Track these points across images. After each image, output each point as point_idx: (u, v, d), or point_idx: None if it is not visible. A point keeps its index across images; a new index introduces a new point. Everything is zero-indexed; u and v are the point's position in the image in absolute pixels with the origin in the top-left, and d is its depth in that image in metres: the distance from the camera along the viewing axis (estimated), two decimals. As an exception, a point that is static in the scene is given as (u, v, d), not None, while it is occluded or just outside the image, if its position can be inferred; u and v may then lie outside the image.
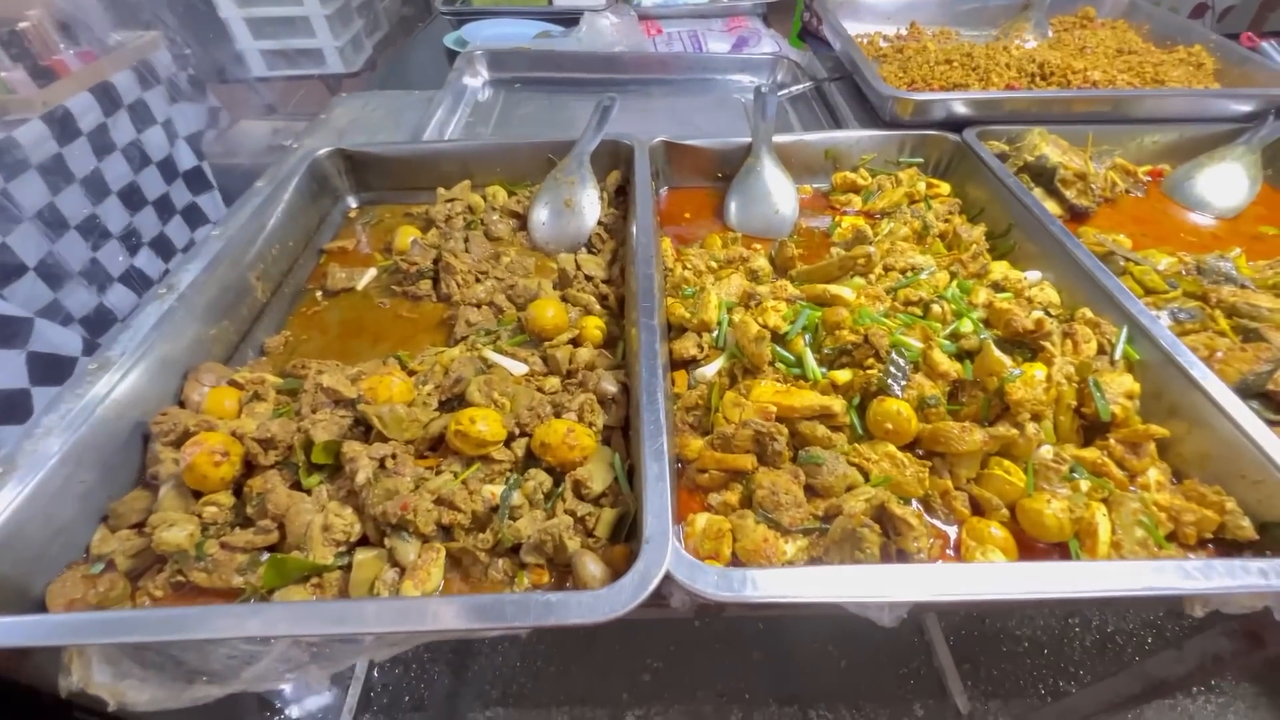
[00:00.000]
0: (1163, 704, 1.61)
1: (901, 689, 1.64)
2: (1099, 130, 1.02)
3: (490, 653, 1.70)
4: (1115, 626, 1.78)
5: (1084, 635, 1.75)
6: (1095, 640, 1.74)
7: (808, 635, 1.73)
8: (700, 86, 1.40)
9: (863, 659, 1.69)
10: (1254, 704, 1.60)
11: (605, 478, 0.55)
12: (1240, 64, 1.13)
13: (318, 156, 0.96)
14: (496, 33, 1.72)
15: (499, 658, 1.68)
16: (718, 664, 1.69)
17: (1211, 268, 0.81)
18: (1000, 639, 1.75)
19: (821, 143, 1.04)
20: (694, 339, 0.71)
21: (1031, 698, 1.62)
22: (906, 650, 1.68)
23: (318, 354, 0.77)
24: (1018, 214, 0.85)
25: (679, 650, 1.72)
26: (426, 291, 0.84)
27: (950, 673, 1.49)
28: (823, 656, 1.71)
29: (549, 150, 1.00)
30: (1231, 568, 0.45)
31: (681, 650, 1.72)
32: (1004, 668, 1.69)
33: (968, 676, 1.65)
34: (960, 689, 1.46)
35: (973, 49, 1.18)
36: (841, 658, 1.70)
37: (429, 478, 0.55)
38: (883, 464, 0.57)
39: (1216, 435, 0.57)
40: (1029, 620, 1.78)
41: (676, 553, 0.46)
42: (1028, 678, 1.67)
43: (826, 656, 1.71)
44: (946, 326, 0.69)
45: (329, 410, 0.59)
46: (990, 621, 1.77)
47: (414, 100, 1.34)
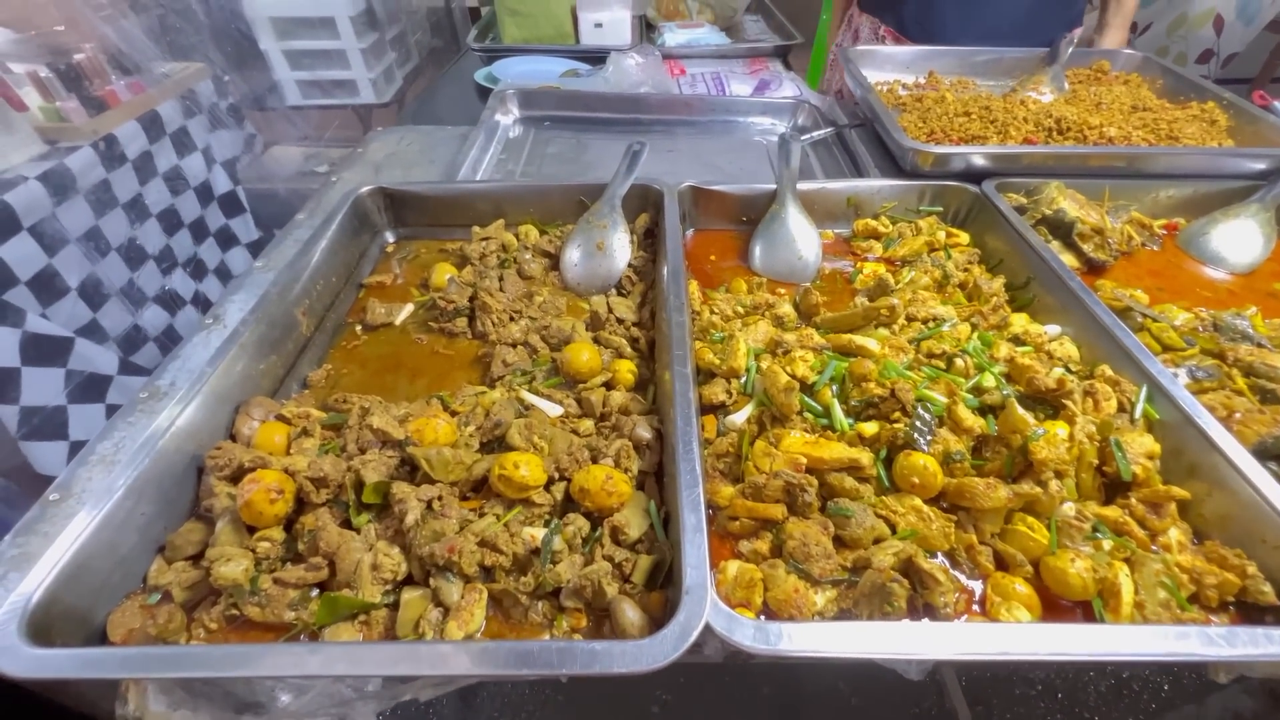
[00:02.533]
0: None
1: (914, 733, 1.63)
2: (1115, 185, 1.05)
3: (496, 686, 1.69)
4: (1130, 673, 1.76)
5: (1099, 681, 1.73)
6: (1110, 686, 1.72)
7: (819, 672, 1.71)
8: (723, 128, 1.45)
9: (874, 698, 1.67)
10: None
11: (641, 524, 0.58)
12: (1253, 122, 1.16)
13: (360, 194, 1.00)
14: (525, 70, 1.78)
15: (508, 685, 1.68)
16: (727, 698, 1.69)
17: (1229, 325, 0.83)
18: (1014, 682, 1.73)
19: (843, 190, 1.07)
20: (723, 384, 0.74)
21: (1048, 748, 1.60)
22: (918, 691, 1.67)
23: (358, 387, 0.80)
24: (1036, 267, 0.88)
25: (688, 683, 1.71)
26: (462, 329, 0.87)
27: (963, 715, 1.47)
28: (833, 693, 1.69)
29: (580, 193, 1.03)
30: (1255, 636, 0.46)
31: (691, 683, 1.71)
32: (1018, 711, 1.67)
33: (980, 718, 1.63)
34: (974, 736, 1.44)
35: (990, 101, 1.21)
36: (852, 695, 1.69)
37: (473, 519, 0.57)
38: (909, 517, 0.59)
39: (1236, 498, 0.58)
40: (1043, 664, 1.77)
41: (715, 604, 0.47)
42: (1042, 724, 1.65)
43: (837, 694, 1.70)
44: (969, 380, 0.71)
45: (377, 450, 0.62)
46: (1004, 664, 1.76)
47: (447, 136, 1.40)
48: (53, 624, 0.49)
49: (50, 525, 0.60)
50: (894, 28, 1.65)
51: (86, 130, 1.42)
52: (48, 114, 1.45)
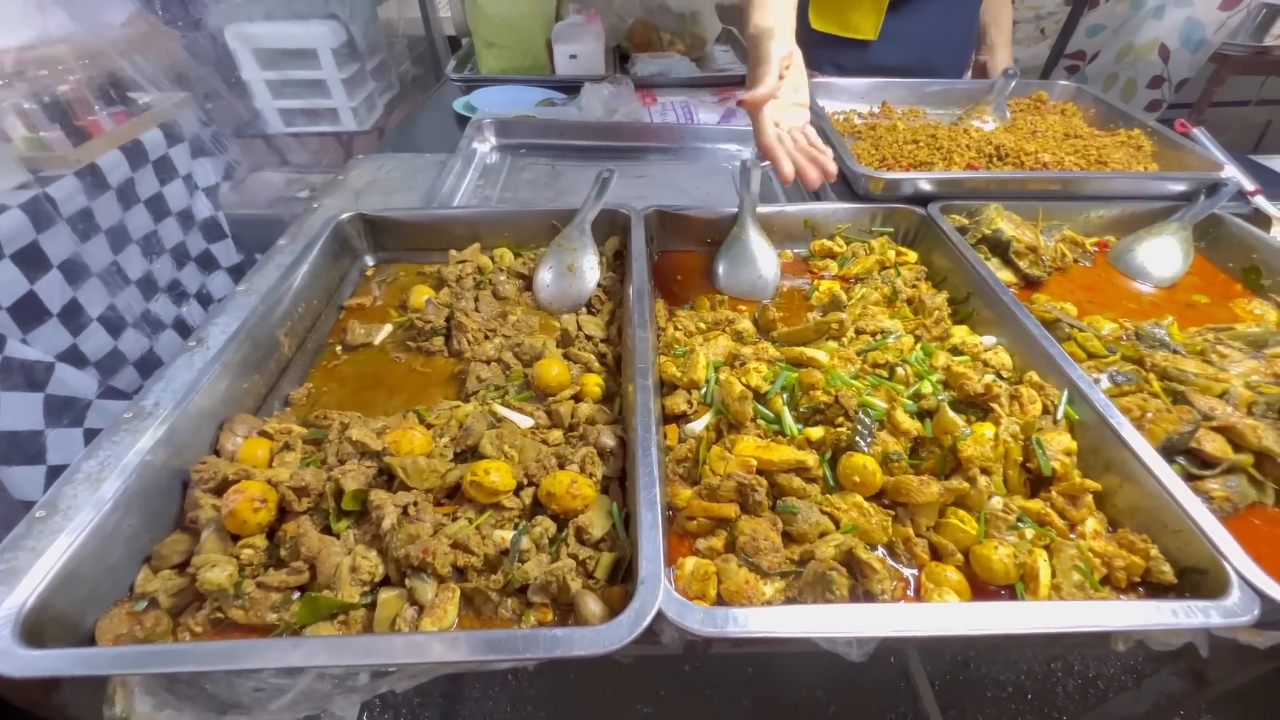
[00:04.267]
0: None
1: (889, 736, 1.66)
2: (1049, 206, 1.13)
3: (480, 697, 1.70)
4: (1096, 671, 1.82)
5: (1066, 680, 1.79)
6: (1077, 685, 1.78)
7: (796, 680, 1.75)
8: (692, 154, 1.52)
9: (850, 704, 1.71)
10: (1234, 750, 1.63)
11: (604, 524, 0.62)
12: (1175, 148, 1.26)
13: (340, 221, 1.05)
14: (502, 99, 1.85)
15: (489, 703, 1.69)
16: (708, 709, 1.71)
17: (1148, 334, 0.90)
18: (985, 684, 1.78)
19: (801, 213, 1.14)
20: (684, 395, 0.79)
21: (1016, 743, 1.65)
22: (893, 695, 1.71)
23: (338, 405, 0.84)
24: (975, 283, 0.95)
25: (669, 695, 1.73)
26: (439, 347, 0.92)
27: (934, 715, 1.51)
28: (811, 701, 1.73)
29: (553, 218, 1.09)
30: (1147, 609, 0.52)
31: (672, 695, 1.73)
32: (989, 713, 1.72)
33: (956, 719, 1.67)
34: (944, 735, 1.48)
35: (937, 129, 1.30)
36: (830, 702, 1.72)
37: (446, 523, 0.61)
38: (851, 513, 0.64)
39: (1143, 489, 0.64)
40: (1012, 665, 1.82)
41: (667, 593, 0.52)
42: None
43: (815, 701, 1.73)
44: (910, 388, 0.77)
45: (356, 461, 0.66)
46: (975, 666, 1.81)
47: (426, 163, 1.45)
48: (45, 629, 0.52)
49: (37, 541, 0.63)
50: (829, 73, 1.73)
51: (70, 159, 1.46)
52: (31, 144, 1.48)
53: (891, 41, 1.59)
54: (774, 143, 0.92)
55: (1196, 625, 0.52)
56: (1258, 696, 1.69)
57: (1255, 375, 0.82)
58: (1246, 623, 0.52)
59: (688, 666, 1.76)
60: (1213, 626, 0.52)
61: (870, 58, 1.65)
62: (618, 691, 1.72)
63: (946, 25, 1.58)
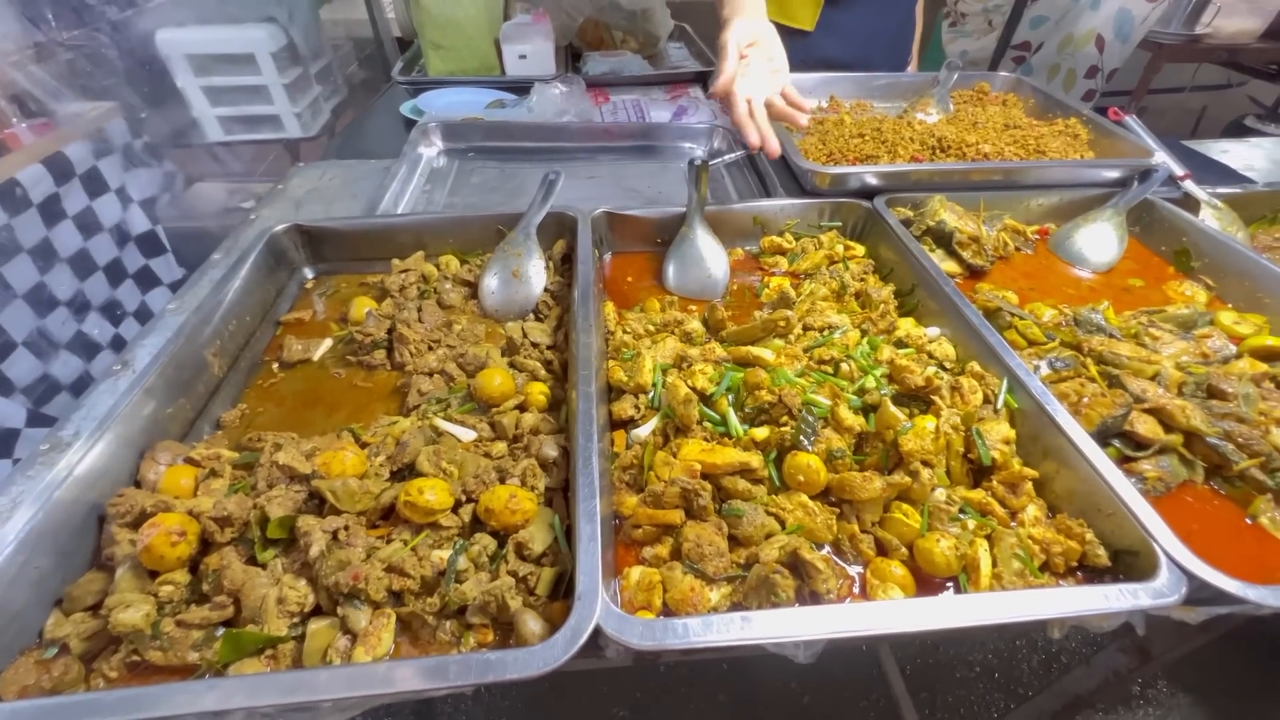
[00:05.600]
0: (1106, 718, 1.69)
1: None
2: (991, 196, 1.15)
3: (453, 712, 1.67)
4: (1059, 646, 1.87)
5: (1030, 656, 1.84)
6: (1041, 660, 1.83)
7: (771, 675, 1.76)
8: (643, 153, 1.51)
9: (824, 694, 1.73)
10: (1189, 714, 1.70)
11: (546, 538, 0.60)
12: (1109, 135, 1.29)
13: (275, 232, 1.01)
14: (451, 101, 1.81)
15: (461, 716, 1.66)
16: (684, 709, 1.71)
17: (1085, 319, 0.92)
18: (954, 666, 1.82)
19: (749, 210, 1.14)
20: (631, 401, 0.78)
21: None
22: (866, 683, 1.73)
23: (274, 426, 0.80)
24: (920, 275, 0.96)
25: (644, 696, 1.72)
26: (381, 361, 0.89)
27: (905, 703, 1.53)
28: (785, 694, 1.74)
29: (499, 222, 1.07)
30: (1078, 595, 0.53)
31: (647, 696, 1.73)
32: (958, 694, 1.76)
33: (924, 705, 1.71)
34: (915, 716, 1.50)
35: (882, 123, 1.32)
36: (804, 694, 1.74)
37: (380, 546, 0.59)
38: (797, 513, 0.64)
39: (1078, 474, 0.65)
40: (980, 646, 1.86)
41: (606, 607, 0.51)
42: (980, 702, 1.73)
43: (789, 693, 1.74)
44: (855, 383, 0.77)
45: (284, 486, 0.63)
46: (943, 650, 1.84)
47: (370, 169, 1.41)
48: (-63, 686, 0.48)
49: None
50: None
51: (-14, 176, 1.37)
52: (-59, 160, 1.39)
53: (831, 34, 1.61)
54: (743, 118, 1.04)
55: (1126, 608, 0.53)
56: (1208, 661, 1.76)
57: (1185, 356, 0.85)
58: (1174, 602, 0.53)
59: (662, 667, 1.76)
60: (1142, 608, 0.53)
61: (811, 50, 1.65)
62: (593, 697, 1.71)
63: (884, 18, 1.59)
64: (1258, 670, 1.75)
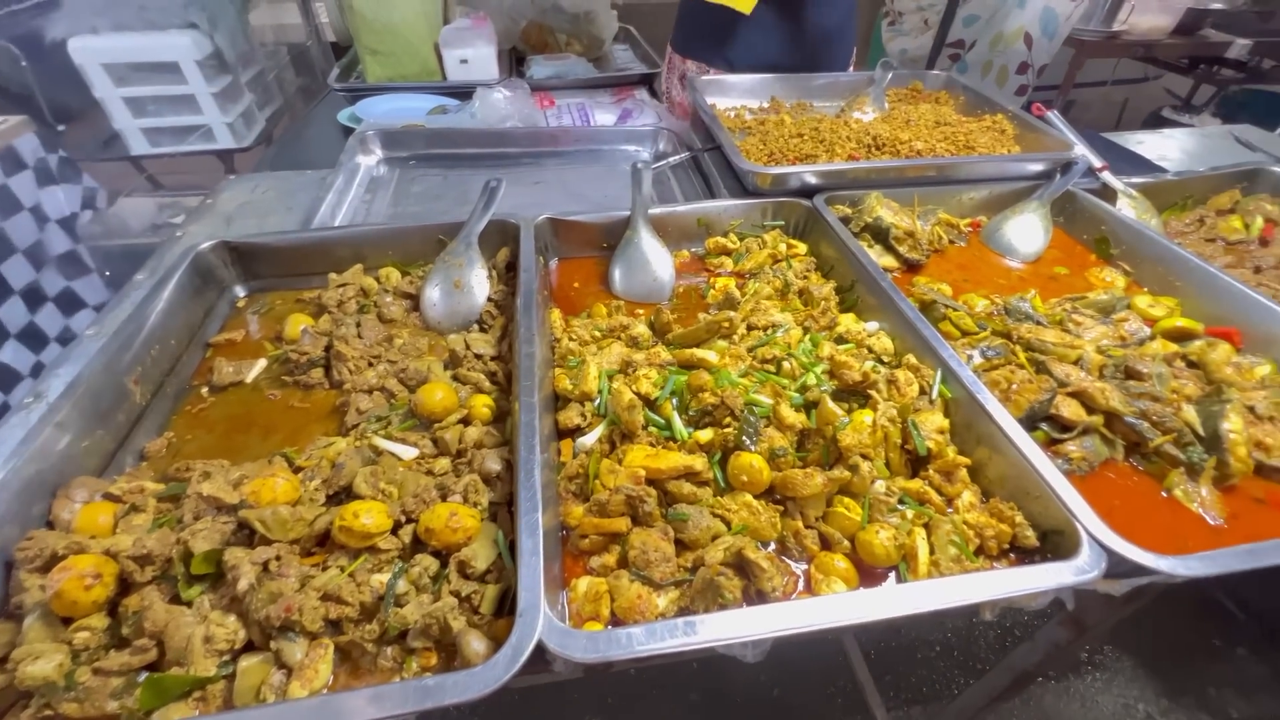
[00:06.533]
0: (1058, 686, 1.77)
1: (829, 708, 1.72)
2: (925, 191, 1.19)
3: (420, 732, 1.63)
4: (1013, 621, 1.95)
5: (986, 632, 1.91)
6: (996, 635, 1.90)
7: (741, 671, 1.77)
8: (589, 157, 1.51)
9: (793, 685, 1.75)
10: (1132, 675, 1.79)
11: (489, 555, 0.59)
12: (1033, 131, 1.35)
13: (201, 251, 0.96)
14: (391, 107, 1.77)
15: (429, 737, 1.62)
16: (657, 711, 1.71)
17: (1015, 308, 0.96)
18: (916, 647, 1.87)
19: (693, 212, 1.15)
20: (578, 409, 0.77)
21: (945, 699, 1.74)
22: (832, 670, 1.76)
23: (204, 454, 0.76)
24: (859, 270, 0.98)
25: (616, 702, 1.72)
26: (319, 380, 0.86)
27: (868, 687, 1.57)
28: (756, 687, 1.76)
29: (440, 232, 1.05)
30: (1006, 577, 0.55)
31: (619, 701, 1.72)
32: (920, 674, 1.81)
33: (889, 688, 1.75)
34: (879, 701, 1.54)
35: (820, 123, 1.34)
36: (774, 686, 1.76)
37: (315, 574, 0.57)
38: (742, 513, 0.65)
39: (1009, 460, 0.68)
40: (939, 626, 1.92)
41: (549, 622, 0.50)
42: (941, 680, 1.79)
43: (760, 687, 1.76)
44: (797, 380, 0.78)
45: (210, 518, 0.60)
46: (905, 632, 1.90)
47: (307, 180, 1.36)
48: None
49: None
50: (721, 66, 1.73)
51: (-122, 199, 1.27)
52: None
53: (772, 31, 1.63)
54: None
55: (1052, 586, 0.55)
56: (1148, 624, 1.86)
57: (1105, 340, 0.89)
58: (1095, 578, 0.56)
59: (632, 671, 1.75)
60: (1066, 585, 0.56)
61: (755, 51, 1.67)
62: (563, 705, 1.69)
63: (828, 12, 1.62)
64: (1191, 629, 1.86)
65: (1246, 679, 1.75)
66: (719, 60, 1.73)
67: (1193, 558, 0.57)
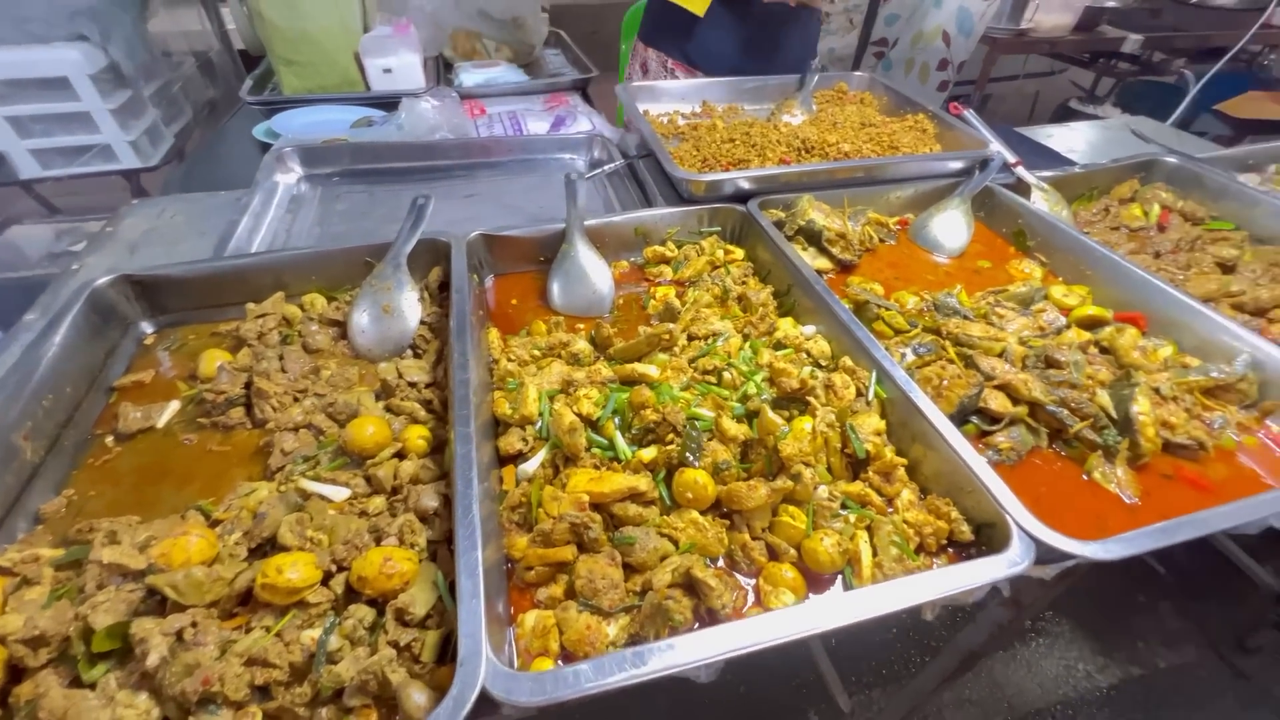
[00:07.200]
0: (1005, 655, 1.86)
1: (795, 700, 1.75)
2: (854, 192, 1.22)
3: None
4: (961, 598, 2.03)
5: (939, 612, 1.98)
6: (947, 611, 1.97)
7: (707, 670, 1.78)
8: (522, 167, 1.48)
9: (759, 681, 1.78)
10: (1071, 638, 1.90)
11: (429, 599, 0.57)
12: (951, 129, 1.41)
13: (98, 287, 0.89)
14: (312, 120, 1.68)
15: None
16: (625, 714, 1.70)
17: (943, 303, 0.99)
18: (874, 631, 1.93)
19: (630, 221, 1.14)
20: (519, 433, 0.75)
21: (904, 679, 1.80)
22: (797, 664, 1.80)
23: (110, 510, 0.70)
24: (794, 274, 0.99)
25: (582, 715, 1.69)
26: (239, 420, 0.81)
27: (830, 676, 1.61)
28: (723, 686, 1.77)
29: (366, 254, 1.00)
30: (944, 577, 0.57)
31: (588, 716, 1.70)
32: (880, 657, 1.86)
33: (850, 674, 1.79)
34: (840, 689, 1.58)
35: (751, 127, 1.36)
36: (740, 684, 1.78)
37: (237, 638, 0.53)
38: (689, 530, 0.64)
39: (942, 456, 0.70)
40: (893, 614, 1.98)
41: (493, 668, 0.48)
42: (900, 661, 1.85)
43: (727, 685, 1.78)
44: (738, 390, 0.79)
45: (115, 587, 0.55)
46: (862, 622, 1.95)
47: (220, 202, 1.28)
48: None
49: None
50: (680, 60, 1.80)
51: None
52: None
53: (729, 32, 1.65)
54: None
55: (987, 582, 0.57)
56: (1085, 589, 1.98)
57: (1026, 331, 0.93)
58: (1025, 569, 0.58)
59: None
60: (1001, 579, 0.58)
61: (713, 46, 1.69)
62: None
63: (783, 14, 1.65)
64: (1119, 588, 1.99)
65: (1170, 631, 1.89)
66: (678, 53, 1.77)
67: (1112, 541, 0.60)
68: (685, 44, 1.76)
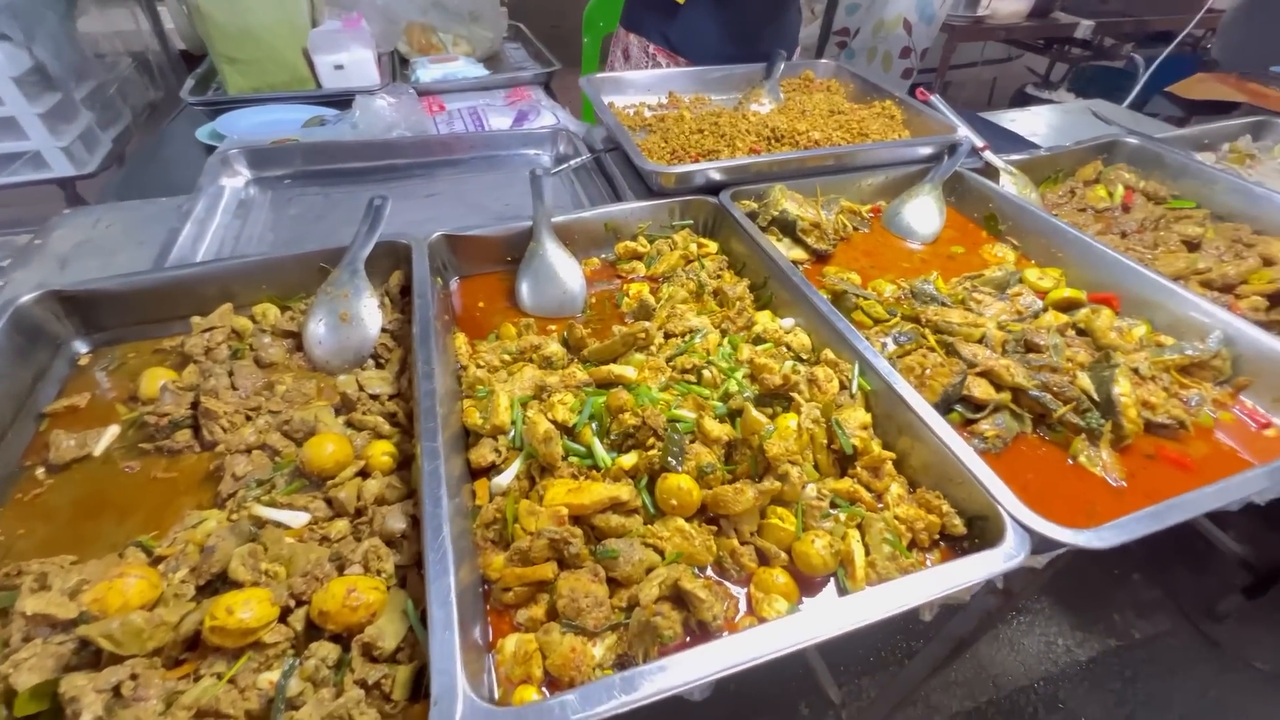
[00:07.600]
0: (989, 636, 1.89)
1: (786, 693, 1.74)
2: (826, 181, 1.20)
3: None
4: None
5: (922, 596, 2.00)
6: (936, 600, 1.99)
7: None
8: (485, 164, 1.42)
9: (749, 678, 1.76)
10: (1050, 615, 1.93)
11: (399, 630, 0.53)
12: (919, 115, 1.40)
13: (21, 305, 0.82)
14: (260, 121, 1.60)
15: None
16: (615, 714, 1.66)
17: (920, 290, 0.98)
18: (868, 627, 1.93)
19: (600, 217, 1.10)
20: (491, 444, 0.71)
21: (892, 666, 1.81)
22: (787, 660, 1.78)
23: (42, 551, 0.64)
24: (769, 266, 0.97)
25: None
26: (187, 442, 0.75)
27: (820, 669, 1.60)
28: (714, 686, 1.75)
29: (321, 259, 0.94)
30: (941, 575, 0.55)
31: None
32: (869, 645, 1.87)
33: (839, 665, 1.79)
34: (830, 680, 1.57)
35: (719, 116, 1.33)
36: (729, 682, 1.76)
37: (185, 689, 0.48)
38: (675, 539, 0.61)
39: (929, 447, 0.68)
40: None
41: (470, 704, 0.44)
42: (887, 648, 1.86)
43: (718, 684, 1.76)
44: (719, 388, 0.76)
45: (43, 640, 0.49)
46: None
47: (161, 209, 1.20)
48: None
49: None
50: (661, 45, 1.75)
51: None
52: None
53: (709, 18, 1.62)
54: None
55: (984, 577, 0.55)
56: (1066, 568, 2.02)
57: (1004, 315, 0.93)
58: (1021, 562, 0.57)
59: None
60: (998, 573, 0.56)
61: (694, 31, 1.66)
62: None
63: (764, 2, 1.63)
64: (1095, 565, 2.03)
65: (1143, 601, 1.93)
66: (659, 37, 1.73)
67: (1105, 529, 0.59)
68: (666, 28, 1.72)
